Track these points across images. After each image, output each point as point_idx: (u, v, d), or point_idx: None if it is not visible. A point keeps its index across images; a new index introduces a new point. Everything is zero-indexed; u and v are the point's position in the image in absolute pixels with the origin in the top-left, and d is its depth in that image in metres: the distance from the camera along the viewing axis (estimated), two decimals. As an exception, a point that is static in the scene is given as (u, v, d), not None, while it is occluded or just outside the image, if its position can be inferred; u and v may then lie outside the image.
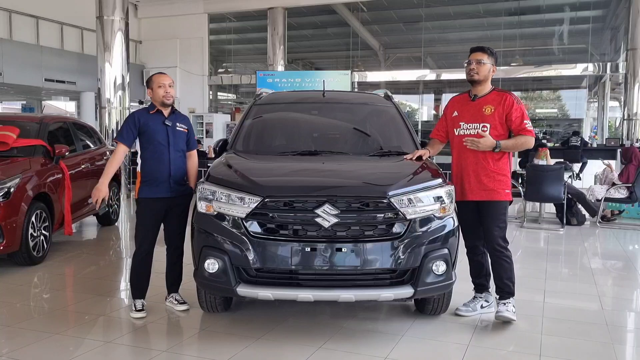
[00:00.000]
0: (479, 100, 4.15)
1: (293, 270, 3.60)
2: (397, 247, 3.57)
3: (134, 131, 4.21)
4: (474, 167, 4.09)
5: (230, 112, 20.01)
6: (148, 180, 4.23)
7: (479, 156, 4.07)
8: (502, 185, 4.08)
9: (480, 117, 4.10)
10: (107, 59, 11.82)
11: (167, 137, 4.25)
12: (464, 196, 4.14)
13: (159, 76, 4.30)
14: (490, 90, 4.18)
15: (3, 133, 6.08)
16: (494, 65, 4.18)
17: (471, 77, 4.14)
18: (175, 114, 4.37)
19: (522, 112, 4.06)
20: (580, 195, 8.71)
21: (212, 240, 3.70)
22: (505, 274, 4.11)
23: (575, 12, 18.57)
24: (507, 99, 4.08)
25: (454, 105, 4.32)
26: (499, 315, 4.08)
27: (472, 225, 4.21)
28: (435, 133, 4.46)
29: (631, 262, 6.52)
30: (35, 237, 5.79)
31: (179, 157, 4.32)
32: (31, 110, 19.93)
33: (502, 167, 4.09)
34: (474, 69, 4.11)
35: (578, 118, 21.64)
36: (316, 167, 4.18)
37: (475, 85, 4.17)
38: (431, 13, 18.89)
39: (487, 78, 4.15)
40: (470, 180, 4.11)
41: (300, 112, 5.23)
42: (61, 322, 4.17)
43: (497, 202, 4.08)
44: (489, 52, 4.15)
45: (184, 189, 4.37)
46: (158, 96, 4.24)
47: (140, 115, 4.27)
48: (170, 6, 18.46)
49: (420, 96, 22.88)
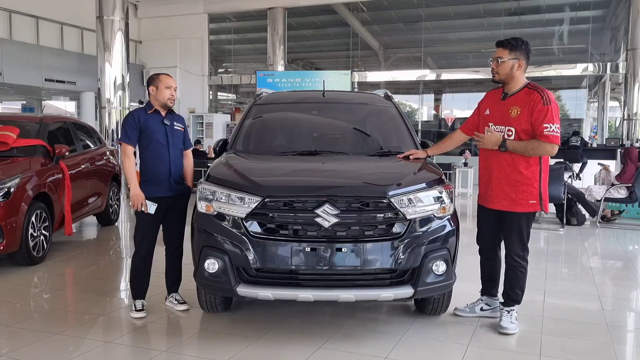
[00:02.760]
0: (508, 100, 3.80)
1: (293, 270, 3.60)
2: (397, 247, 3.57)
3: (136, 130, 4.19)
4: (497, 174, 3.83)
5: (230, 112, 20.01)
6: (148, 179, 4.22)
7: (503, 163, 3.78)
8: (526, 195, 3.76)
9: (506, 119, 3.76)
10: (107, 59, 11.83)
11: (166, 136, 4.25)
12: (486, 202, 3.96)
13: (167, 77, 4.25)
14: (522, 88, 3.78)
15: (3, 133, 6.08)
16: (520, 60, 3.74)
17: (493, 78, 3.84)
18: (172, 113, 4.37)
19: (545, 114, 3.63)
20: (580, 195, 8.72)
21: (212, 240, 3.70)
22: (517, 283, 3.95)
23: (575, 12, 18.56)
24: (534, 98, 3.68)
25: (488, 101, 3.99)
26: (502, 332, 3.94)
27: (490, 231, 4.04)
28: (464, 126, 4.20)
29: (631, 262, 6.52)
30: (35, 237, 5.80)
31: (178, 157, 4.32)
32: (31, 110, 19.92)
33: (529, 176, 3.75)
34: (494, 68, 3.79)
35: (578, 118, 21.61)
36: (316, 167, 4.18)
37: (504, 84, 3.82)
38: (431, 13, 18.89)
39: (514, 75, 3.76)
40: (493, 187, 3.86)
41: (300, 112, 5.23)
42: (61, 322, 4.17)
43: (518, 213, 3.81)
44: (510, 46, 3.74)
45: (183, 188, 4.38)
46: (163, 97, 4.22)
47: (139, 114, 4.26)
48: (170, 6, 18.46)
49: (420, 96, 22.86)
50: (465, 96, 22.28)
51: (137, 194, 4.14)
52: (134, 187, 4.15)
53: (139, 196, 4.13)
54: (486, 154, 3.90)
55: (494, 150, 3.81)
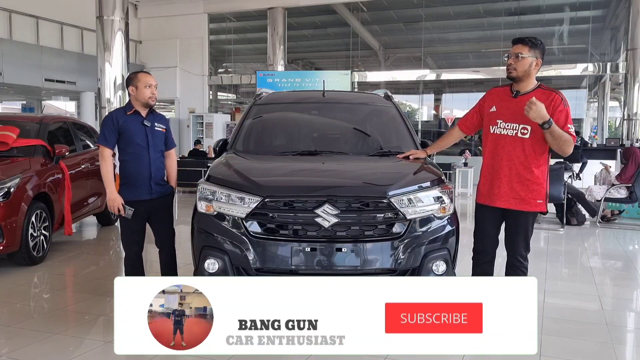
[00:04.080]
0: (522, 98, 3.67)
1: (293, 270, 3.60)
2: (397, 247, 3.57)
3: (114, 133, 4.07)
4: (507, 172, 3.71)
5: (230, 112, 20.01)
6: (127, 182, 4.11)
7: (515, 161, 3.68)
8: (535, 194, 3.70)
9: (520, 117, 3.65)
10: (107, 59, 11.83)
11: (146, 138, 4.11)
12: (491, 201, 3.79)
13: (145, 75, 4.12)
14: (536, 87, 3.72)
15: (3, 133, 6.08)
16: (537, 59, 3.67)
17: (509, 74, 3.71)
18: (153, 114, 4.23)
19: (567, 114, 3.61)
20: (580, 195, 8.72)
21: (212, 240, 3.69)
22: None
23: (575, 12, 18.56)
24: (555, 99, 3.62)
25: (493, 99, 3.86)
26: None
27: (490, 231, 3.90)
28: (462, 122, 4.10)
29: (631, 262, 6.52)
30: (35, 237, 5.80)
31: (158, 158, 4.19)
32: (31, 110, 19.92)
33: (539, 175, 3.69)
34: (511, 64, 3.67)
35: (578, 118, 21.60)
36: (316, 167, 4.17)
37: (517, 82, 3.73)
38: (431, 13, 18.89)
39: (530, 74, 3.69)
40: (502, 185, 3.73)
41: (300, 112, 5.23)
42: (61, 322, 4.17)
43: (526, 212, 3.73)
44: (530, 43, 3.66)
45: (165, 189, 4.26)
46: (144, 96, 4.07)
47: (118, 115, 4.12)
48: (170, 6, 18.46)
49: (420, 96, 22.86)
50: (465, 96, 22.27)
51: (113, 197, 4.03)
52: (111, 191, 4.04)
53: (114, 200, 4.03)
54: (495, 150, 3.78)
55: (506, 147, 3.72)
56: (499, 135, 3.74)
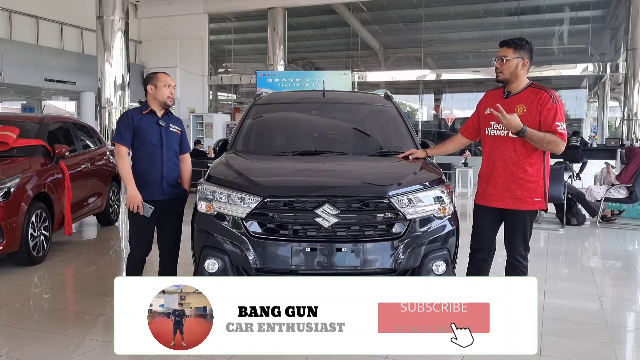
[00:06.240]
0: (512, 98, 3.73)
1: (293, 270, 3.59)
2: (397, 247, 3.57)
3: (130, 131, 4.06)
4: (502, 172, 3.73)
5: (230, 112, 20.02)
6: (140, 182, 4.06)
7: (508, 161, 3.71)
8: (532, 193, 3.69)
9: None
10: (107, 59, 11.85)
11: (160, 138, 4.10)
12: (488, 201, 3.82)
13: (165, 75, 4.14)
14: (526, 87, 3.75)
15: (3, 133, 6.08)
16: (524, 59, 3.70)
17: (496, 77, 3.78)
18: (169, 115, 4.23)
19: (555, 112, 3.61)
20: (580, 195, 8.72)
21: (212, 240, 3.69)
22: None
23: (575, 12, 18.58)
24: (543, 97, 3.64)
25: (487, 101, 3.89)
26: None
27: (488, 231, 3.92)
28: (464, 128, 4.12)
29: (631, 262, 6.52)
30: (35, 237, 5.79)
31: (171, 159, 4.16)
32: (31, 110, 19.93)
33: (533, 173, 3.69)
34: (498, 67, 3.73)
35: (578, 118, 21.64)
36: (316, 167, 4.17)
37: (507, 83, 3.76)
38: (431, 13, 18.90)
39: (518, 75, 3.70)
40: (497, 185, 3.75)
41: (300, 112, 5.23)
42: (61, 322, 4.17)
43: (523, 211, 3.74)
44: (515, 45, 3.70)
45: (178, 192, 4.22)
46: (162, 95, 4.08)
47: (133, 114, 4.13)
48: (170, 6, 18.48)
49: (420, 96, 22.89)
50: (465, 96, 22.31)
51: (135, 195, 3.99)
52: (132, 188, 4.01)
53: (136, 197, 3.99)
54: (490, 152, 3.82)
55: (499, 148, 3.75)
56: (493, 136, 3.79)
